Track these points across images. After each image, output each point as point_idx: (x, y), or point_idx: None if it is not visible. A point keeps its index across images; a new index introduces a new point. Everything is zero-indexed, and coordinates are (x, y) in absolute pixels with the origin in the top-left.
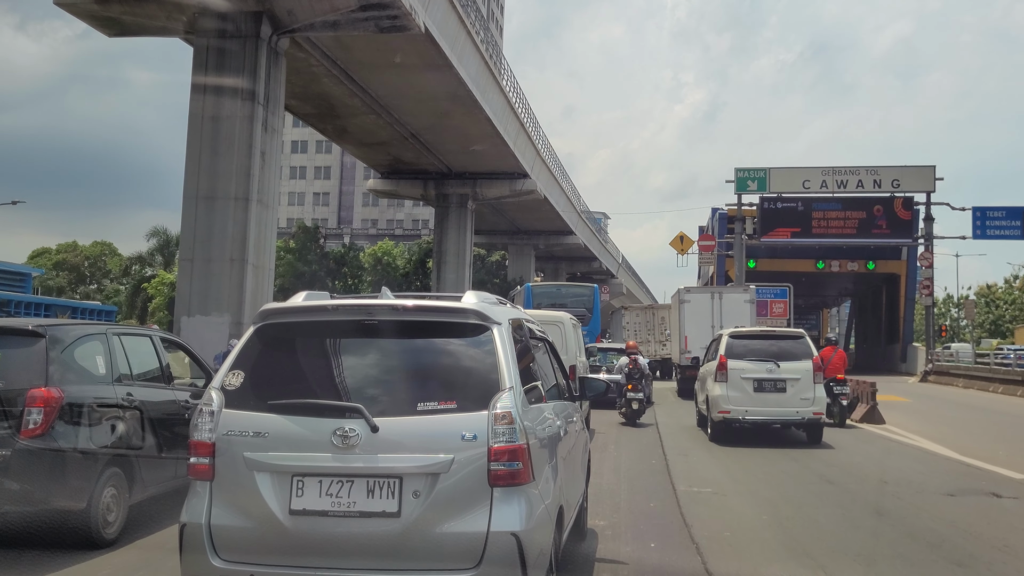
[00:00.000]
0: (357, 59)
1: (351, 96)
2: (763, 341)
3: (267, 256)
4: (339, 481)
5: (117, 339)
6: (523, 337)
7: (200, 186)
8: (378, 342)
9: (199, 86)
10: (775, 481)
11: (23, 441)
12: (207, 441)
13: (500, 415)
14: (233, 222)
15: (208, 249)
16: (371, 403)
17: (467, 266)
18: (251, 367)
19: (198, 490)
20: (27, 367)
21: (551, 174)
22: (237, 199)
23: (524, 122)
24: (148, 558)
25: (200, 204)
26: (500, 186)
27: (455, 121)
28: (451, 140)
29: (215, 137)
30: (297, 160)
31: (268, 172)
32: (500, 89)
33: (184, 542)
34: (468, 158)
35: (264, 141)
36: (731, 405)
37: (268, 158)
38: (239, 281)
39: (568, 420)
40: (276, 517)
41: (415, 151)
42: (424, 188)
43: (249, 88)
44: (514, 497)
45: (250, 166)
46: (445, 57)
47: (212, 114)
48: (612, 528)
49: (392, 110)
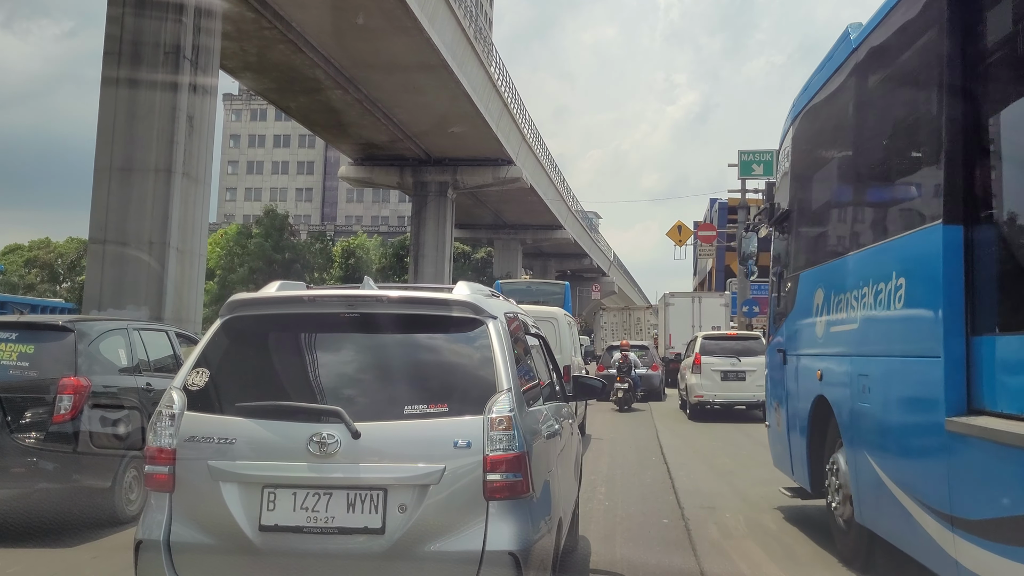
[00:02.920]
0: (314, 21)
1: (312, 67)
2: (729, 341)
3: (196, 239)
4: (316, 493)
5: (137, 334)
6: (519, 333)
7: (114, 156)
8: (360, 338)
9: (113, 36)
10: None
11: (55, 425)
12: (167, 447)
13: (497, 420)
14: (153, 198)
15: (123, 231)
16: (352, 406)
17: (447, 260)
18: (217, 365)
19: (155, 503)
20: (58, 358)
21: (538, 161)
22: (158, 171)
23: (508, 102)
24: None
25: (114, 177)
26: (482, 173)
27: (430, 97)
28: (427, 120)
29: (132, 98)
30: (279, 155)
31: (198, 141)
32: (480, 62)
33: (140, 562)
34: (448, 142)
35: (192, 103)
36: (704, 391)
37: (198, 124)
38: (159, 269)
39: (563, 422)
40: (244, 533)
41: (389, 133)
42: (400, 176)
43: (173, 41)
44: (512, 512)
45: (174, 132)
46: (414, 18)
47: (128, 71)
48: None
49: (359, 84)
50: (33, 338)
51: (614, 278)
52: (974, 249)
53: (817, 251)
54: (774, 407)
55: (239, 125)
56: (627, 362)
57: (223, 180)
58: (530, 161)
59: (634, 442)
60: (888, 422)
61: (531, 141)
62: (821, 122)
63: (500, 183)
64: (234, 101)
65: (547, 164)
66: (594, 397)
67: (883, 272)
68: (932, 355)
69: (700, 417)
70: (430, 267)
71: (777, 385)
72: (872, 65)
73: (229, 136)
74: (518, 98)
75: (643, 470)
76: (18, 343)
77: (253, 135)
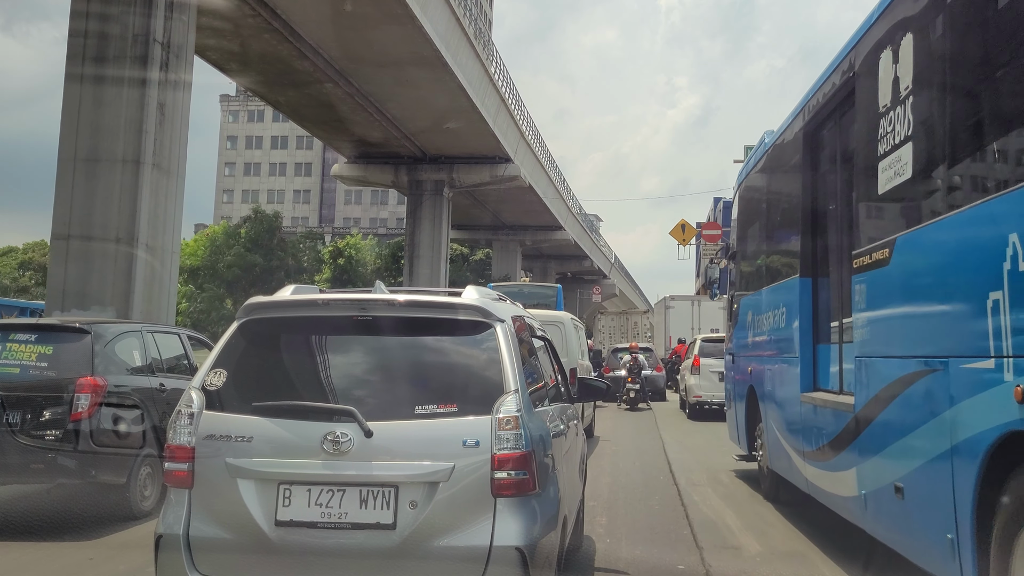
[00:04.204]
0: (300, 8)
1: (300, 58)
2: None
3: (168, 235)
4: (329, 490)
5: (151, 336)
6: (526, 336)
7: (79, 145)
8: (372, 340)
9: (79, 12)
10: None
11: (73, 423)
12: (186, 445)
13: (504, 419)
14: (121, 191)
15: (88, 225)
16: (364, 406)
17: (443, 260)
18: (234, 365)
19: (175, 498)
20: (75, 359)
21: (537, 160)
22: (126, 162)
23: (506, 98)
24: None
25: (79, 168)
26: (479, 171)
27: (424, 91)
28: (422, 115)
29: (98, 82)
30: (277, 156)
31: (170, 130)
32: (476, 55)
33: (160, 555)
34: (443, 139)
35: (163, 91)
36: (702, 392)
37: (171, 113)
38: (127, 267)
39: (568, 422)
40: (260, 528)
41: (383, 130)
42: (395, 174)
43: (143, 25)
44: (519, 508)
45: (142, 120)
46: (405, 4)
47: (95, 51)
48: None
49: (351, 77)
50: (52, 340)
51: (615, 280)
52: (817, 292)
53: (748, 284)
54: (728, 397)
55: (236, 126)
56: (637, 363)
57: (220, 182)
58: (528, 159)
59: (639, 435)
60: (776, 399)
61: (529, 138)
62: (749, 194)
63: (497, 181)
64: (231, 102)
65: (546, 163)
66: (599, 398)
67: (774, 303)
68: (795, 356)
69: (698, 417)
70: (425, 268)
71: (728, 381)
72: (771, 166)
73: (226, 137)
74: (516, 95)
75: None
76: (37, 344)
77: (250, 136)
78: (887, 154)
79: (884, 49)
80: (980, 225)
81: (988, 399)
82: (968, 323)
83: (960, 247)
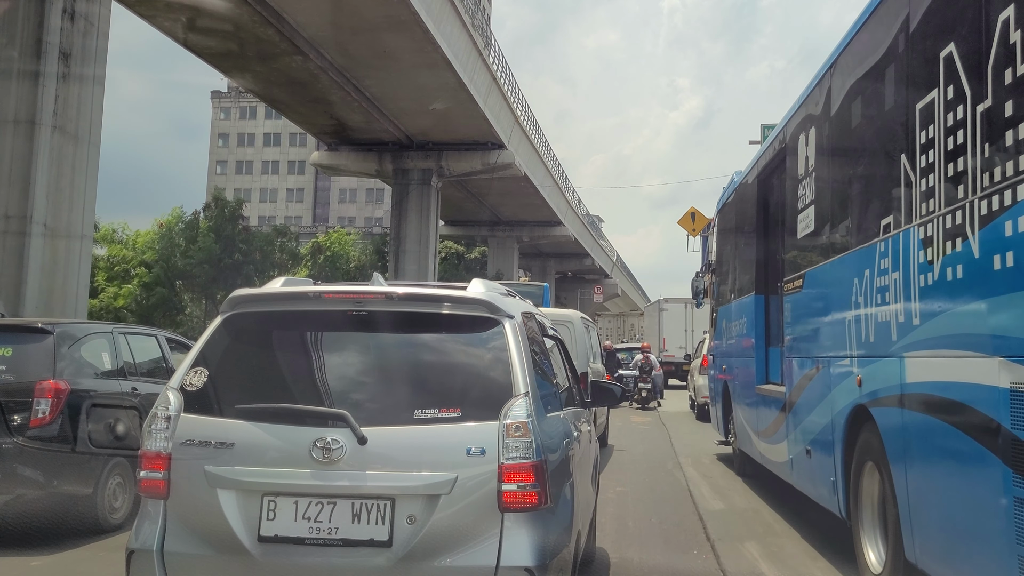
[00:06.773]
0: None
1: (262, 24)
2: None
3: (77, 215)
4: (319, 502)
5: (123, 338)
6: (536, 334)
7: None
8: (368, 337)
9: None
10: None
11: (33, 429)
12: (161, 451)
13: (513, 426)
14: (12, 159)
15: None
16: (359, 409)
17: (431, 256)
18: (217, 364)
19: (149, 510)
20: (36, 361)
21: (533, 147)
22: (17, 122)
23: (498, 76)
24: None
25: None
26: (470, 159)
27: (405, 64)
28: (404, 94)
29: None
30: (270, 154)
31: (78, 88)
32: (463, 25)
33: (131, 572)
34: (430, 122)
35: (67, 36)
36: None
37: (77, 63)
38: (17, 250)
39: (582, 429)
40: (242, 544)
41: (363, 111)
42: (379, 162)
43: None
44: (529, 525)
45: (38, 71)
46: None
47: None
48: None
49: (320, 47)
50: (11, 340)
51: (617, 280)
52: (769, 306)
53: (722, 297)
54: (711, 393)
55: (227, 123)
56: (648, 362)
57: (211, 180)
58: (524, 146)
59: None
60: (741, 392)
61: (525, 124)
62: (723, 221)
63: (490, 170)
64: (222, 99)
65: (543, 151)
66: (612, 404)
67: (740, 313)
68: (752, 357)
69: (706, 417)
70: (412, 264)
71: (711, 379)
72: (737, 201)
73: (217, 135)
74: (510, 74)
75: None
76: None
77: (242, 134)
78: (802, 210)
79: (801, 133)
80: (844, 268)
81: (845, 385)
82: (838, 333)
83: (835, 281)
